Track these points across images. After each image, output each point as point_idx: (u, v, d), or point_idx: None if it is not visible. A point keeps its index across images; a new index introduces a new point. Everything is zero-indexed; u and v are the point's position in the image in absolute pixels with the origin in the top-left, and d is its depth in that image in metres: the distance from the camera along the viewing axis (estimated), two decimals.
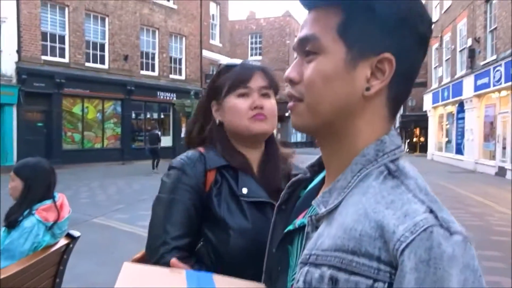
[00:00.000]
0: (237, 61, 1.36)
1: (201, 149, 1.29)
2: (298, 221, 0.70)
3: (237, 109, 1.26)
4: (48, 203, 2.45)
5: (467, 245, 0.52)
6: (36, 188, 2.43)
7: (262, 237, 0.96)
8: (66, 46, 16.48)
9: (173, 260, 0.79)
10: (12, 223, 2.33)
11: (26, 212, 2.35)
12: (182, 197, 1.20)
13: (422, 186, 0.59)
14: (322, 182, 0.74)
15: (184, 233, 1.18)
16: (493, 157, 15.93)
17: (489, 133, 16.27)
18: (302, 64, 0.66)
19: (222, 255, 1.17)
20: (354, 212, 0.57)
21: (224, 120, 1.31)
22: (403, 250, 0.50)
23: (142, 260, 1.30)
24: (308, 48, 0.64)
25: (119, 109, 18.90)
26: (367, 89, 0.62)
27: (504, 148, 14.84)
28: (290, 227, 0.72)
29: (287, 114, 35.01)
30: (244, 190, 1.21)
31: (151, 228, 1.23)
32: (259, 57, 35.17)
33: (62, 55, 16.36)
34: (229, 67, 1.33)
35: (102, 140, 18.31)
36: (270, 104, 1.30)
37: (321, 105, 0.63)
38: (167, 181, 1.25)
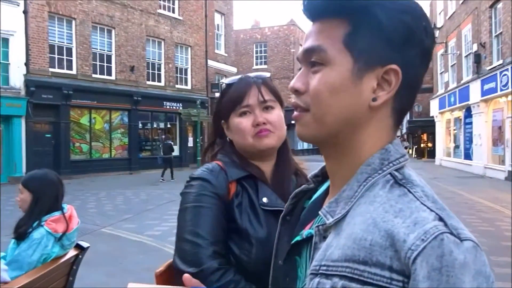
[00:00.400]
0: (237, 77, 1.37)
1: (219, 162, 1.29)
2: (305, 232, 0.70)
3: (240, 128, 1.27)
4: (57, 214, 2.46)
5: (478, 251, 0.52)
6: (45, 200, 2.45)
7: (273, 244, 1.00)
8: (74, 58, 16.68)
9: (186, 276, 0.76)
10: (21, 235, 2.35)
11: (35, 224, 2.37)
12: (210, 204, 1.19)
13: (429, 194, 0.59)
14: (326, 192, 0.74)
15: (218, 238, 1.17)
16: (502, 161, 15.76)
17: (498, 138, 16.12)
18: (308, 74, 0.66)
19: (245, 265, 1.16)
20: (363, 221, 0.57)
21: (233, 139, 1.32)
22: (415, 258, 0.50)
23: (167, 272, 1.24)
24: (314, 59, 0.64)
25: (126, 119, 19.04)
26: (374, 99, 0.63)
27: None
28: (298, 238, 0.71)
29: (293, 122, 34.91)
30: (265, 200, 1.22)
31: (182, 237, 1.18)
32: (265, 66, 35.31)
33: (69, 67, 16.56)
34: (229, 85, 1.34)
35: (109, 150, 18.42)
36: (275, 116, 1.30)
37: (328, 116, 0.63)
38: (192, 191, 1.22)
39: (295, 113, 0.68)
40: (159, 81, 20.74)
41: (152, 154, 20.55)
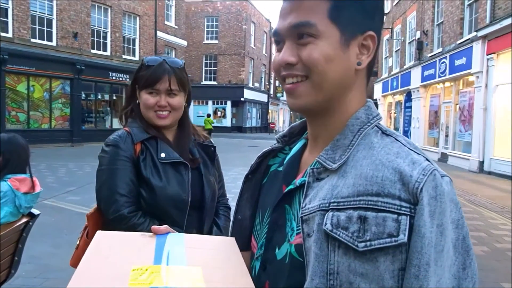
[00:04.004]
0: (159, 59, 1.65)
1: (126, 128, 1.63)
2: (298, 180, 0.77)
3: (146, 103, 1.62)
4: (23, 176, 2.44)
5: (452, 185, 0.67)
6: (13, 161, 2.43)
7: (178, 190, 1.56)
8: (10, 20, 15.41)
9: (154, 227, 0.81)
10: None
11: None
12: (122, 166, 1.54)
13: (410, 141, 0.72)
14: (302, 149, 0.83)
15: (129, 190, 1.53)
16: (436, 144, 16.92)
17: (434, 122, 17.23)
18: (295, 47, 0.72)
19: (152, 207, 1.54)
20: (370, 163, 0.67)
21: (140, 107, 1.67)
22: (421, 189, 0.62)
23: (97, 213, 1.59)
24: (303, 32, 0.70)
25: (68, 88, 18.06)
26: (358, 63, 0.73)
27: (446, 135, 15.81)
28: (291, 187, 0.77)
29: (242, 99, 35.05)
30: (162, 155, 1.59)
31: (102, 192, 1.55)
32: (215, 41, 34.77)
33: (4, 29, 15.29)
34: (148, 66, 1.63)
35: (49, 121, 17.45)
36: (176, 101, 1.64)
37: (325, 82, 0.71)
38: (106, 155, 1.58)
39: (290, 85, 0.73)
40: (105, 50, 19.78)
41: (96, 127, 19.75)
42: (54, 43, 17.14)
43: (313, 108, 0.74)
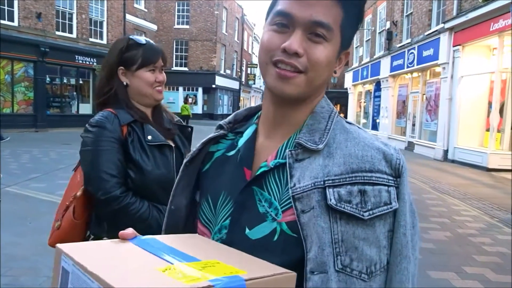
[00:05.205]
0: (142, 39, 1.72)
1: (111, 109, 1.62)
2: (271, 162, 0.79)
3: (149, 81, 1.68)
4: None
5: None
6: None
7: (165, 171, 1.62)
8: None
9: (122, 232, 0.70)
10: None
11: None
12: (111, 146, 1.55)
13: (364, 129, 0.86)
14: (254, 134, 0.85)
15: (119, 171, 1.55)
16: (403, 133, 17.38)
17: (401, 111, 17.66)
18: (305, 40, 0.75)
19: (140, 187, 1.58)
20: (356, 144, 0.77)
21: (131, 84, 1.67)
22: (402, 164, 0.77)
23: (84, 195, 1.57)
24: (320, 32, 0.74)
25: (31, 71, 17.34)
26: (335, 72, 0.83)
27: (413, 125, 16.25)
28: (264, 169, 0.78)
29: (213, 86, 34.70)
30: (149, 137, 1.63)
31: (90, 173, 1.54)
32: (187, 26, 34.15)
33: None
34: (139, 44, 1.68)
35: (11, 105, 16.73)
36: (164, 76, 1.75)
37: (317, 81, 0.78)
38: (91, 136, 1.56)
39: (289, 73, 0.75)
40: (71, 32, 19.06)
41: (62, 112, 19.11)
42: (15, 24, 16.35)
43: (299, 98, 0.79)
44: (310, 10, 0.73)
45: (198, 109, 33.97)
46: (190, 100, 31.78)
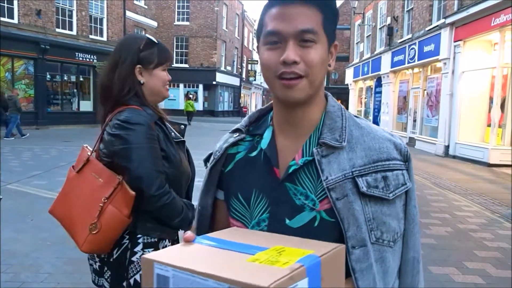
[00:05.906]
0: (153, 38, 1.77)
1: (137, 107, 1.65)
2: (300, 160, 0.89)
3: (163, 79, 1.75)
4: None
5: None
6: None
7: (187, 165, 1.78)
8: None
9: (187, 236, 0.75)
10: None
11: None
12: (153, 143, 1.61)
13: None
14: (273, 136, 0.94)
15: (163, 167, 1.63)
16: (404, 129, 17.34)
17: (402, 107, 17.62)
18: (298, 49, 0.84)
19: (171, 181, 1.66)
20: (372, 139, 0.91)
21: (148, 83, 1.71)
22: (408, 151, 0.93)
23: (126, 193, 1.56)
24: (307, 38, 0.84)
25: (31, 69, 17.32)
26: (329, 65, 0.92)
27: (414, 120, 16.21)
28: (295, 167, 0.89)
29: (214, 83, 34.64)
30: (173, 134, 1.75)
31: (141, 168, 1.56)
32: (187, 23, 34.08)
33: None
34: (154, 43, 1.74)
35: None
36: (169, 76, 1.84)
37: (317, 80, 0.87)
38: (132, 134, 1.58)
39: (292, 81, 0.84)
40: (71, 29, 19.02)
41: (62, 109, 19.10)
42: (15, 21, 16.32)
43: (306, 100, 0.88)
44: (294, 22, 0.83)
45: (199, 106, 33.92)
46: (190, 96, 31.76)
